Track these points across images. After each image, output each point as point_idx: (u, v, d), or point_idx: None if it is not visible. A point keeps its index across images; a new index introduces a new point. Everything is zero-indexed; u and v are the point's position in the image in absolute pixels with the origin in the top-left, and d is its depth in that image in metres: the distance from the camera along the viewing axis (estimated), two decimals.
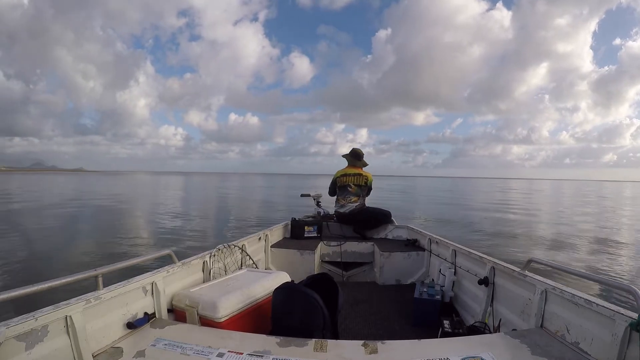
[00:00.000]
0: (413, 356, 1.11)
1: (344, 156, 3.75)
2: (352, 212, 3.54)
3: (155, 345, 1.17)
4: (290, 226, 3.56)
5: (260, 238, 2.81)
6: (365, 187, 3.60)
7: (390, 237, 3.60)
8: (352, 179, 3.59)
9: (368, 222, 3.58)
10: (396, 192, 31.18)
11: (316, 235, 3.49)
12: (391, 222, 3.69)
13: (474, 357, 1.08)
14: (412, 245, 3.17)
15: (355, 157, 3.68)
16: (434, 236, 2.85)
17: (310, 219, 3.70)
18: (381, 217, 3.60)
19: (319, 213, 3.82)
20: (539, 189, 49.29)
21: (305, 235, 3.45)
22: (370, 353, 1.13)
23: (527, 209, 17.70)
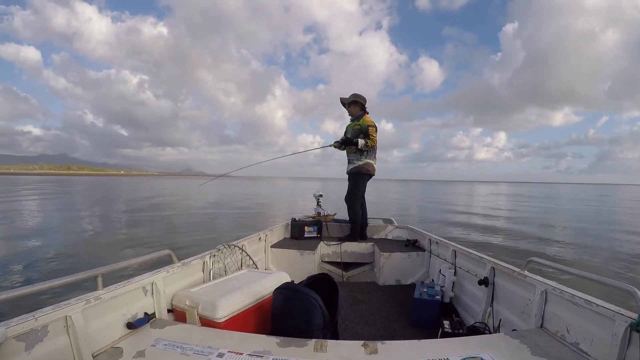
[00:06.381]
0: (413, 356, 1.11)
1: (355, 100, 3.33)
2: None
3: (155, 346, 1.17)
4: (290, 226, 3.56)
5: (260, 238, 2.81)
6: None
7: (390, 237, 3.60)
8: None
9: None
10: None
11: (316, 235, 3.49)
12: (391, 222, 3.69)
13: (473, 358, 1.08)
14: (412, 245, 3.17)
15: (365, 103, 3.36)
16: (434, 236, 2.85)
17: (310, 219, 3.70)
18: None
19: (319, 213, 3.82)
20: None
21: (305, 236, 3.45)
22: (370, 353, 1.13)
23: None
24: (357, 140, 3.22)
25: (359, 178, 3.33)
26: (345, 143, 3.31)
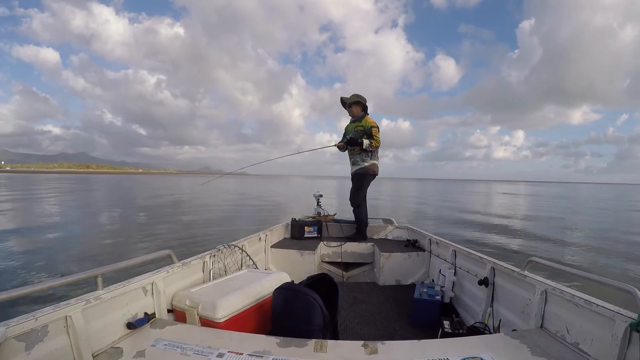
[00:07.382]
0: (413, 356, 1.11)
1: (358, 101, 3.36)
2: None
3: (155, 346, 1.17)
4: (290, 226, 3.56)
5: (260, 238, 2.81)
6: None
7: (390, 237, 3.60)
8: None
9: None
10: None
11: (316, 235, 3.49)
12: (391, 222, 3.69)
13: (473, 358, 1.08)
14: (412, 245, 3.17)
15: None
16: (434, 237, 2.85)
17: (310, 219, 3.70)
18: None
19: (319, 213, 3.82)
20: None
21: (305, 236, 3.45)
22: (370, 353, 1.13)
23: None
24: (362, 140, 3.22)
25: (364, 179, 3.34)
26: (350, 143, 3.30)
